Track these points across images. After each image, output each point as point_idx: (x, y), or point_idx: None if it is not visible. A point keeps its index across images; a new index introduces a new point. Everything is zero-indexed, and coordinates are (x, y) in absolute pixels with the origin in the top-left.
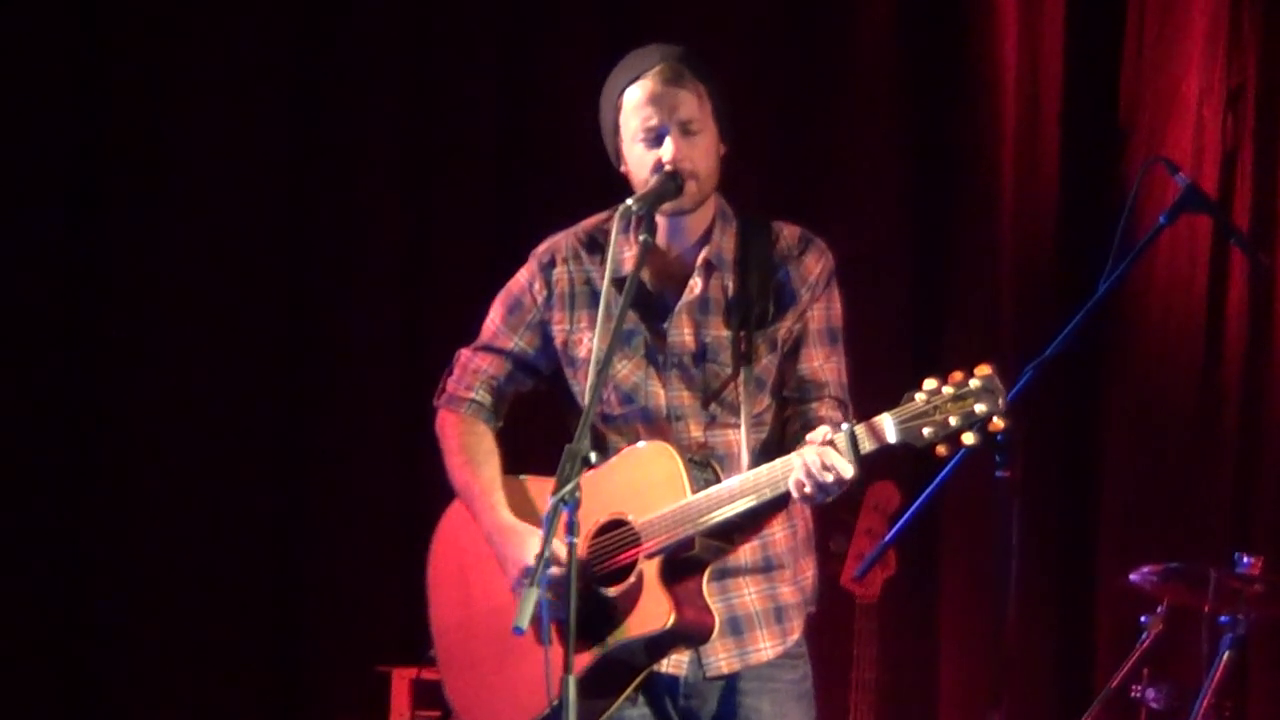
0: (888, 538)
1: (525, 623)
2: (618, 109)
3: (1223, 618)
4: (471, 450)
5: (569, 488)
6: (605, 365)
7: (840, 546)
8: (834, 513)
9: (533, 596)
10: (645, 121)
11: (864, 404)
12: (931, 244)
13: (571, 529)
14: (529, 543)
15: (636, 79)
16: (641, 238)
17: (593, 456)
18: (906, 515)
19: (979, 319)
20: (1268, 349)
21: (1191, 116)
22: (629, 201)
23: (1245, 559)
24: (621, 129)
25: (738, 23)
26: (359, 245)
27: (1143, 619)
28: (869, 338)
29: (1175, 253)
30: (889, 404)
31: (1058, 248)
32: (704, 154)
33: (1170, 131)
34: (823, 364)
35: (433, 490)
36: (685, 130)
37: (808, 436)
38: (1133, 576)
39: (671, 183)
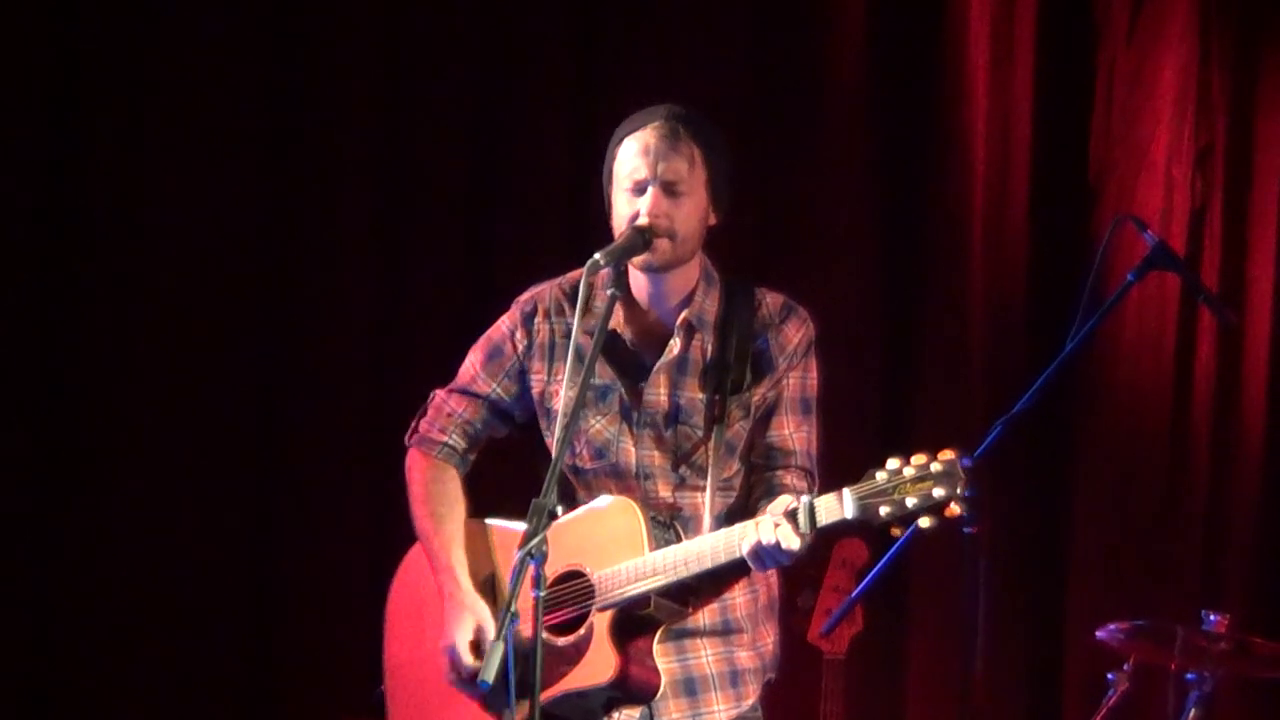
0: (854, 594)
1: (491, 676)
2: (613, 158)
3: (1189, 675)
4: (436, 500)
5: (535, 542)
6: (574, 418)
7: (807, 602)
8: (801, 569)
9: (498, 651)
10: (633, 173)
11: (836, 464)
12: (902, 302)
13: (538, 583)
14: (465, 620)
15: (635, 131)
16: (609, 291)
17: (559, 510)
18: (874, 571)
19: (949, 376)
20: (1235, 407)
21: (1160, 175)
22: (596, 255)
23: (1212, 616)
24: (614, 177)
25: (708, 84)
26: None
27: (1110, 676)
28: (839, 396)
29: (1144, 310)
30: (857, 467)
31: (1027, 304)
32: (685, 217)
33: (1139, 190)
34: (793, 432)
35: (400, 535)
36: (669, 190)
37: (769, 507)
38: (1100, 633)
39: (639, 237)
